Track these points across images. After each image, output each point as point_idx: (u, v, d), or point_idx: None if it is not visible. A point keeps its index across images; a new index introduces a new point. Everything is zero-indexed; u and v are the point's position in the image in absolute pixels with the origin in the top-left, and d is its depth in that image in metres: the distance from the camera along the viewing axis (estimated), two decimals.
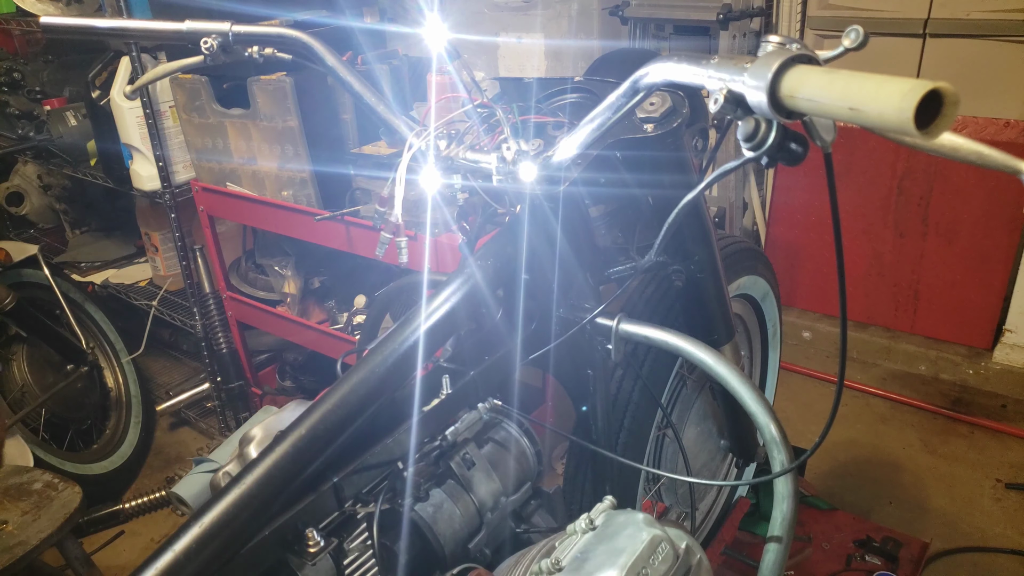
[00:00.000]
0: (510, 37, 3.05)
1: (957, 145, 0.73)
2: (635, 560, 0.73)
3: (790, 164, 0.67)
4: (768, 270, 1.67)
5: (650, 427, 1.35)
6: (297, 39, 1.09)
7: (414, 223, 1.69)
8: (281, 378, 2.62)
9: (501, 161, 0.89)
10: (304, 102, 1.94)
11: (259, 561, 0.79)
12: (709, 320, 1.24)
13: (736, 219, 3.26)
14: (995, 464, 2.36)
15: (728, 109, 0.65)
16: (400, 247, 1.13)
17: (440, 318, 0.92)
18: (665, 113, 0.93)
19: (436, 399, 0.95)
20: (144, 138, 2.26)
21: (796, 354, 3.01)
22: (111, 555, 2.24)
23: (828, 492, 2.21)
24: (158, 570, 0.70)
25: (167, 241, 2.61)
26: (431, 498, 0.90)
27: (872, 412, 2.65)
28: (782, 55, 0.61)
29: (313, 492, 0.82)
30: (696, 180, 1.05)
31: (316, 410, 0.82)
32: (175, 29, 1.10)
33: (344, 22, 2.36)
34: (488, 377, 1.00)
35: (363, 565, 0.84)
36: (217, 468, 1.04)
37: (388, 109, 1.06)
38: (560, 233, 1.00)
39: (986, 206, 2.62)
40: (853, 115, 0.55)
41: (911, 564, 1.79)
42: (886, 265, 2.88)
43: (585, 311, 1.03)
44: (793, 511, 1.04)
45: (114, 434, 2.61)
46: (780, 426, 0.99)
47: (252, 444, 0.99)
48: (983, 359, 2.73)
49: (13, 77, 2.83)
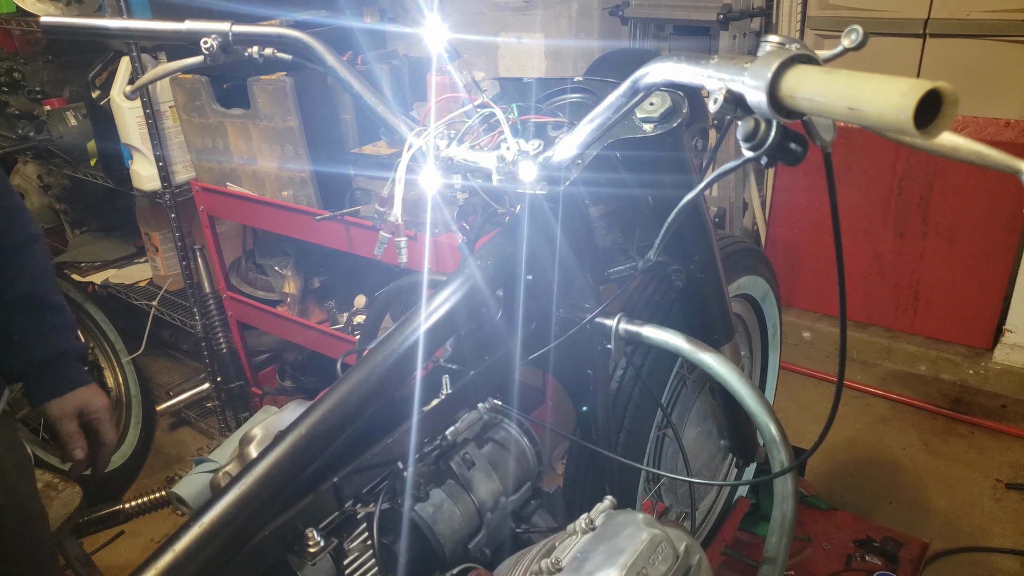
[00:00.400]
0: (510, 37, 3.05)
1: (957, 145, 0.73)
2: (635, 560, 0.73)
3: (790, 164, 0.67)
4: (768, 270, 1.67)
5: (650, 427, 1.35)
6: (297, 39, 1.09)
7: (414, 223, 1.69)
8: (281, 378, 2.62)
9: (501, 161, 0.89)
10: (304, 102, 1.94)
11: (259, 561, 0.79)
12: (709, 320, 1.24)
13: (736, 219, 3.26)
14: (995, 464, 2.36)
15: (728, 109, 0.65)
16: (400, 247, 1.13)
17: (440, 318, 0.92)
18: (665, 113, 0.93)
19: (436, 399, 0.95)
20: (144, 138, 2.26)
21: (796, 354, 3.01)
22: (111, 555, 2.24)
23: (828, 492, 2.21)
24: (158, 570, 0.70)
25: (167, 241, 2.61)
26: (431, 498, 0.90)
27: (872, 412, 2.65)
28: (782, 55, 0.61)
29: (313, 492, 0.82)
30: (696, 180, 1.05)
31: (316, 410, 0.82)
32: (175, 29, 1.10)
33: (344, 22, 2.36)
34: (488, 377, 1.00)
35: (363, 565, 0.83)
36: (217, 468, 1.04)
37: (388, 109, 1.06)
38: (560, 233, 1.00)
39: (986, 206, 2.62)
40: (853, 115, 0.55)
41: (911, 564, 1.79)
42: (886, 265, 2.88)
43: (585, 311, 1.03)
44: (793, 511, 1.04)
45: None
46: (780, 426, 0.99)
47: (252, 444, 0.99)
48: (983, 359, 2.73)
49: (13, 77, 2.83)
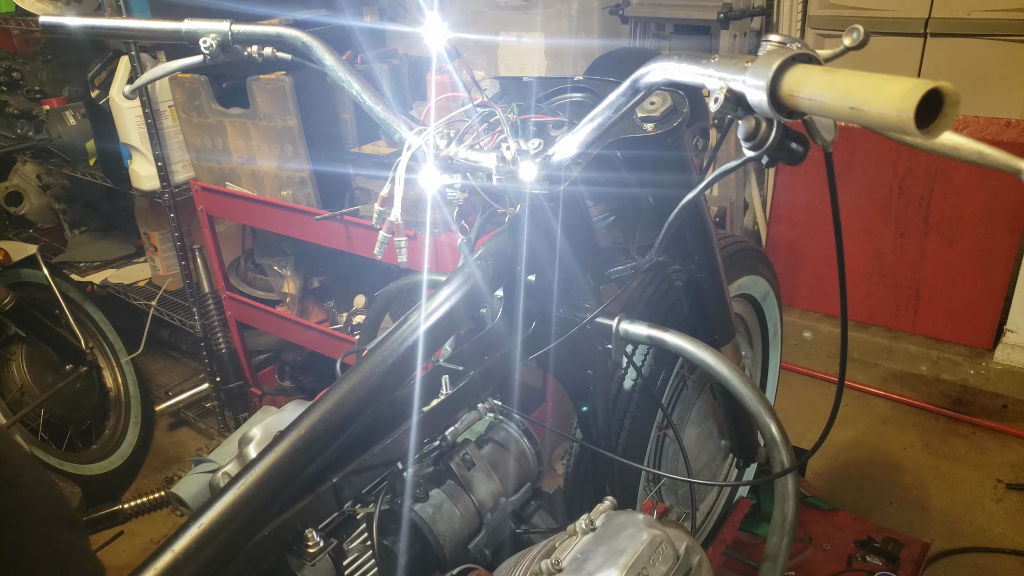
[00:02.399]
0: (510, 36, 3.05)
1: (958, 145, 0.73)
2: (635, 560, 0.72)
3: (791, 163, 0.67)
4: (769, 270, 1.66)
5: (651, 427, 1.35)
6: (297, 38, 1.09)
7: (414, 223, 1.69)
8: (280, 378, 2.62)
9: (501, 161, 0.89)
10: (304, 101, 1.94)
11: (259, 561, 0.78)
12: (710, 320, 1.23)
13: (737, 219, 3.26)
14: (996, 464, 2.36)
15: (728, 108, 0.65)
16: (399, 247, 1.13)
17: (440, 318, 0.92)
18: (665, 112, 0.92)
19: (436, 399, 0.95)
20: (143, 138, 2.25)
21: (797, 354, 3.01)
22: (110, 555, 2.23)
23: (829, 492, 2.21)
24: (157, 570, 0.70)
25: (166, 241, 2.61)
26: (431, 499, 0.90)
27: (873, 412, 2.65)
28: (783, 54, 0.60)
29: (312, 492, 0.82)
30: (696, 180, 1.04)
31: (316, 410, 0.82)
32: (174, 29, 1.09)
33: (344, 21, 2.35)
34: (488, 377, 1.00)
35: (363, 565, 0.83)
36: (216, 468, 1.04)
37: (388, 108, 1.06)
38: (560, 233, 1.00)
39: (987, 206, 2.62)
40: (854, 114, 0.55)
41: (912, 565, 1.79)
42: (887, 265, 2.88)
43: (585, 311, 1.03)
44: (794, 511, 1.04)
45: (113, 434, 2.61)
46: (781, 426, 0.99)
47: (251, 444, 0.99)
48: (984, 359, 2.73)
49: (12, 76, 2.83)
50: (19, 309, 2.32)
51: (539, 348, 1.04)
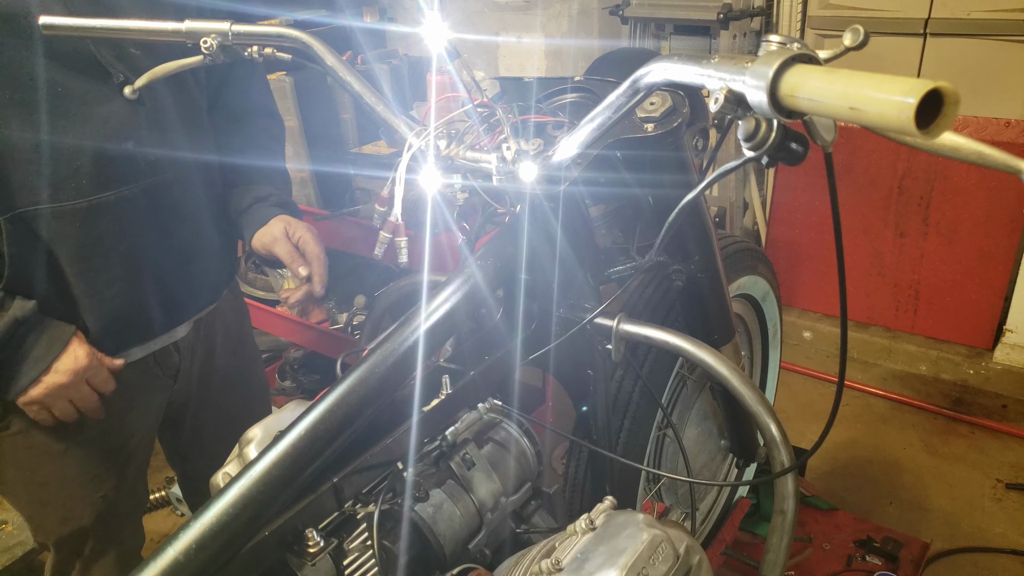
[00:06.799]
0: (510, 36, 3.05)
1: (958, 145, 0.73)
2: (635, 560, 0.72)
3: (790, 164, 0.67)
4: (768, 270, 1.67)
5: (650, 427, 1.35)
6: (297, 39, 1.09)
7: (414, 223, 1.69)
8: (281, 378, 2.62)
9: (501, 161, 0.89)
10: (304, 102, 1.94)
11: (259, 561, 0.78)
12: (709, 320, 1.23)
13: (736, 219, 3.26)
14: (996, 464, 2.36)
15: (728, 108, 0.65)
16: (400, 247, 1.13)
17: (440, 318, 0.92)
18: (665, 113, 0.92)
19: (436, 399, 0.95)
20: None
21: (796, 354, 3.01)
22: None
23: (829, 492, 2.21)
24: (158, 570, 0.70)
25: None
26: (431, 498, 0.90)
27: (873, 412, 2.65)
28: (782, 54, 0.60)
29: (313, 492, 0.82)
30: (696, 180, 1.04)
31: (316, 410, 0.82)
32: (174, 29, 1.09)
33: (344, 22, 2.36)
34: (488, 377, 1.00)
35: (363, 565, 0.83)
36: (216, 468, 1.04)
37: (388, 109, 1.05)
38: (560, 233, 1.00)
39: (987, 206, 2.62)
40: (854, 115, 0.55)
41: (912, 564, 1.79)
42: (887, 265, 2.88)
43: (585, 311, 1.03)
44: (794, 511, 1.04)
45: None
46: (781, 426, 0.99)
47: (252, 444, 0.99)
48: (984, 359, 2.73)
49: None
50: None
51: (539, 348, 1.05)
